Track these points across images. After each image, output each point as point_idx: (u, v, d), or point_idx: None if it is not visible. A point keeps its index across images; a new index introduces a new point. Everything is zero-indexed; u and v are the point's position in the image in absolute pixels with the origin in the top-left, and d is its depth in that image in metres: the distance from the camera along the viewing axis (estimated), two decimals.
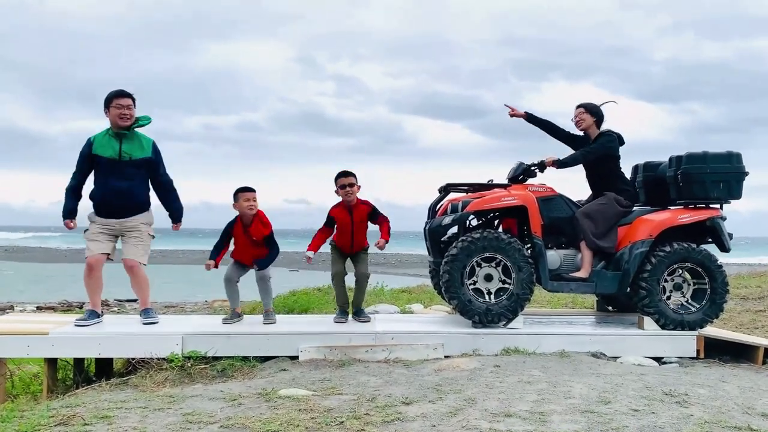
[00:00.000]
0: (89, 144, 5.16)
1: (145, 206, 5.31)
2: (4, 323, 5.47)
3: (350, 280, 5.78)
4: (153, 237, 5.39)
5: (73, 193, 5.22)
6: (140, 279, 5.31)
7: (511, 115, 5.83)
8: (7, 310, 12.12)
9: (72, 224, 5.20)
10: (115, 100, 5.10)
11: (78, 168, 5.22)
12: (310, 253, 5.56)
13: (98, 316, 5.28)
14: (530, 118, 5.80)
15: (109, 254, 5.22)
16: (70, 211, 5.21)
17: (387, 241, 5.52)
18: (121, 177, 5.13)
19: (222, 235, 5.55)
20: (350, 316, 5.71)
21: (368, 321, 5.59)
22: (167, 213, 5.45)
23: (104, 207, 5.18)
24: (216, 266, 5.49)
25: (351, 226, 5.53)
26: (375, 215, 5.60)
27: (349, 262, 5.71)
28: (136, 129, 5.21)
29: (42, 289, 20.04)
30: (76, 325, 5.10)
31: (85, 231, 5.24)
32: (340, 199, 5.58)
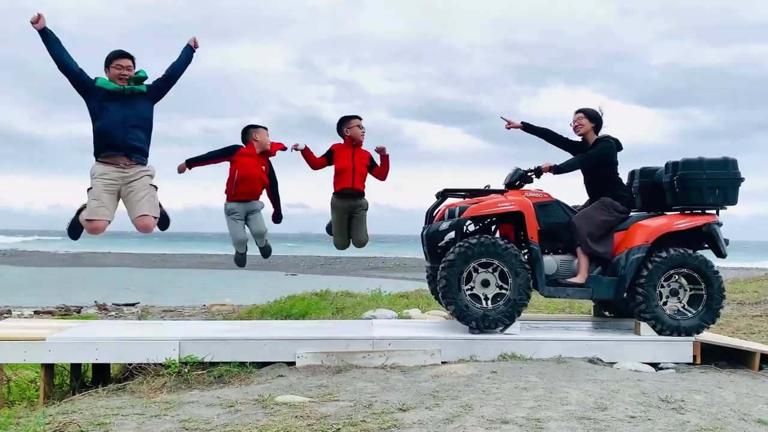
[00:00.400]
0: (95, 78, 4.93)
1: (147, 148, 5.06)
2: (1, 329, 5.46)
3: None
4: (156, 187, 5.09)
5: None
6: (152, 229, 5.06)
7: (508, 128, 5.84)
8: (5, 315, 12.10)
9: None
10: (115, 60, 4.95)
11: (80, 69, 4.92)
12: (302, 145, 5.72)
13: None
14: (527, 127, 5.81)
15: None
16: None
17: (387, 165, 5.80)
18: (126, 108, 4.90)
19: (221, 149, 5.62)
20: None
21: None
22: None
23: (109, 141, 4.89)
24: (190, 169, 5.57)
25: (352, 154, 5.72)
26: (374, 163, 5.81)
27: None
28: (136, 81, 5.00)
29: (40, 293, 20.01)
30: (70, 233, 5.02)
31: (89, 189, 4.95)
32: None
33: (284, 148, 5.74)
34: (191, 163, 5.58)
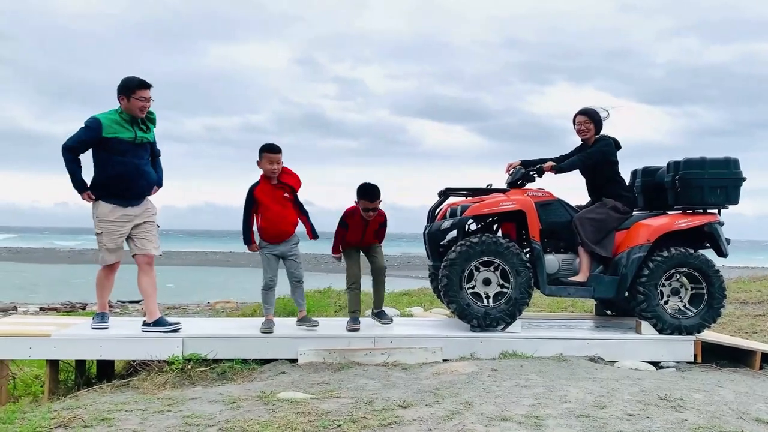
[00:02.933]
0: (99, 124, 4.90)
1: (154, 182, 5.25)
2: (7, 325, 5.52)
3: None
4: (158, 227, 5.32)
5: (78, 164, 4.99)
6: (153, 275, 5.21)
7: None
8: (10, 311, 12.18)
9: (90, 196, 5.01)
10: (139, 91, 4.94)
11: (82, 141, 4.94)
12: (339, 256, 5.53)
13: (108, 317, 5.33)
14: (525, 163, 5.77)
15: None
16: (84, 183, 5.01)
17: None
18: (138, 157, 5.03)
19: (246, 204, 5.22)
20: (371, 318, 5.63)
21: (390, 322, 5.54)
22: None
23: (125, 186, 4.99)
24: (256, 246, 5.28)
25: (363, 228, 5.47)
26: (383, 228, 5.56)
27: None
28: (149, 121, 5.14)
29: (45, 289, 20.12)
30: (94, 329, 5.12)
31: (98, 233, 5.07)
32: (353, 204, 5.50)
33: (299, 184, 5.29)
34: (249, 238, 5.27)
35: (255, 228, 5.32)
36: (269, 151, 5.14)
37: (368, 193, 5.33)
